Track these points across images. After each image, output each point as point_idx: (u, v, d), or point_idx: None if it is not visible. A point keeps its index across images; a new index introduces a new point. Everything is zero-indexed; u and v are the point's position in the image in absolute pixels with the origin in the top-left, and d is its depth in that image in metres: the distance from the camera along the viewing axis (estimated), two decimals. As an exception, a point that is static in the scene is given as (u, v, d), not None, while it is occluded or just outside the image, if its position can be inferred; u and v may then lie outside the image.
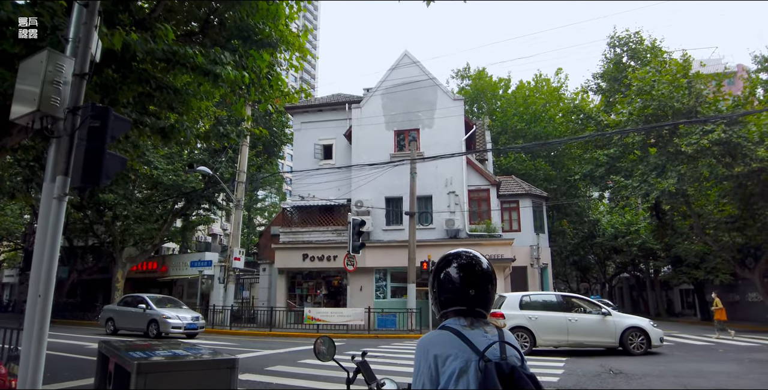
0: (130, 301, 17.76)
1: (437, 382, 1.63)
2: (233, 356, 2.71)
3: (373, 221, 21.45)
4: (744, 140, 18.04)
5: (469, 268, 1.80)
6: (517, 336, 12.08)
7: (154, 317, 16.05)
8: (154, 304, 16.80)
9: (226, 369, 2.58)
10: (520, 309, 12.67)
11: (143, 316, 16.37)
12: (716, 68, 28.57)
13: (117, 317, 17.31)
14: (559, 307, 12.87)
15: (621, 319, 12.53)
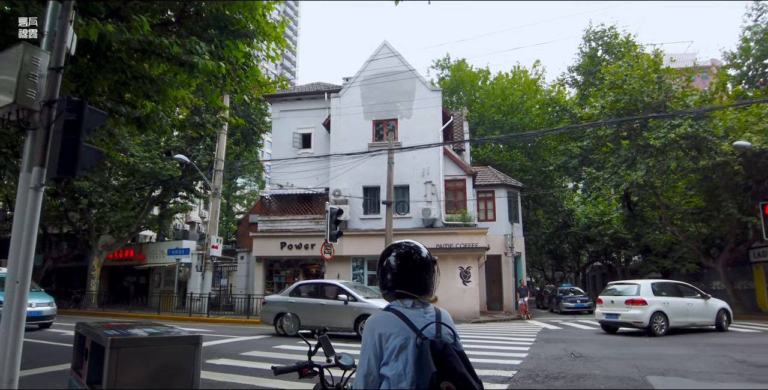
0: (317, 290, 13.77)
1: (381, 357, 1.85)
2: (197, 334, 2.96)
3: (350, 210, 21.71)
4: (709, 134, 18.67)
5: (407, 256, 2.02)
6: (655, 319, 13.15)
7: (365, 311, 12.20)
8: (356, 292, 13.01)
9: (190, 345, 2.82)
10: (654, 295, 13.54)
11: (348, 311, 12.46)
12: (689, 63, 29.28)
13: (300, 312, 12.47)
14: (678, 292, 14.29)
15: (714, 302, 14.46)
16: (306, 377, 2.52)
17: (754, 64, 22.54)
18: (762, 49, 21.57)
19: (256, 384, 6.62)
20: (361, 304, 12.50)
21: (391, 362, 1.81)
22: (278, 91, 24.34)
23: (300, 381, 3.02)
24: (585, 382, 6.87)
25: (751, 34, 22.09)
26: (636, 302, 13.24)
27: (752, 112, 18.74)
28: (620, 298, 13.83)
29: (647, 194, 23.15)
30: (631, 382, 6.73)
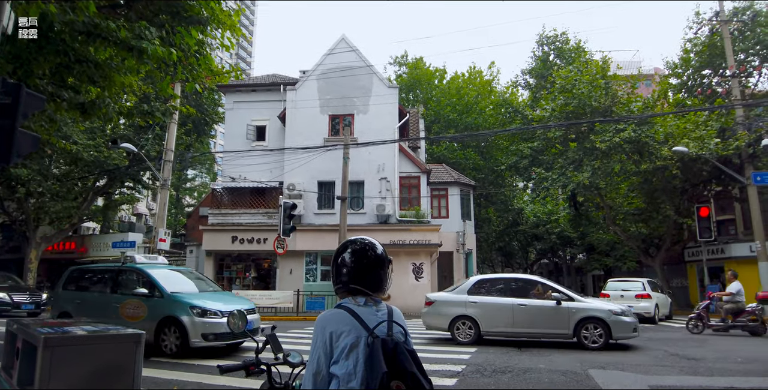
0: (511, 287, 10.84)
1: (331, 355, 1.83)
2: (140, 331, 2.85)
3: (304, 205, 21.50)
4: (651, 140, 19.59)
5: (363, 253, 2.00)
6: (655, 310, 16.58)
7: (588, 314, 9.84)
8: (575, 293, 10.60)
9: (132, 343, 2.70)
10: (651, 291, 17.11)
11: (563, 314, 9.95)
12: (634, 70, 30.61)
13: (488, 315, 10.44)
14: (659, 289, 18.80)
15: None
16: (253, 375, 2.46)
17: (693, 75, 23.82)
18: (701, 60, 22.82)
19: (204, 381, 6.47)
20: (581, 305, 9.96)
21: (342, 361, 1.79)
22: (232, 81, 23.75)
23: (247, 378, 2.93)
24: (530, 375, 7.08)
25: (691, 45, 23.32)
26: (644, 296, 16.68)
27: (690, 120, 19.79)
28: (629, 293, 16.82)
29: (592, 195, 24.09)
30: (573, 376, 6.99)
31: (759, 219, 18.33)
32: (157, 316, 8.57)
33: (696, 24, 22.84)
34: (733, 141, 18.32)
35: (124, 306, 9.03)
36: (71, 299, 9.99)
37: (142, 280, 9.35)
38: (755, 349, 9.96)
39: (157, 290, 8.90)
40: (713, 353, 9.13)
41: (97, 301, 9.65)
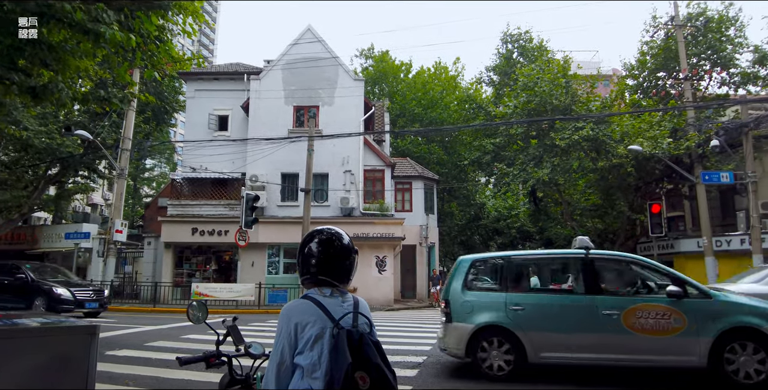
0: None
1: (295, 346, 1.82)
2: (94, 323, 2.75)
3: (267, 196, 21.24)
4: (608, 138, 20.24)
5: (329, 243, 1.98)
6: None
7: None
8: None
9: (86, 335, 2.60)
10: None
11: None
12: (593, 70, 31.52)
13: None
14: None
15: None
16: (213, 367, 2.41)
17: (649, 76, 24.71)
18: (656, 63, 23.69)
19: (162, 376, 6.34)
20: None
21: (306, 352, 1.79)
22: (194, 69, 23.15)
23: (207, 371, 2.87)
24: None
25: (648, 48, 24.17)
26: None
27: (645, 120, 20.55)
28: None
29: (551, 191, 24.74)
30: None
31: (706, 216, 19.25)
32: (714, 325, 5.81)
33: (653, 27, 23.66)
34: (684, 141, 19.14)
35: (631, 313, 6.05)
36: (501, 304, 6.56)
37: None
38: None
39: (689, 286, 6.14)
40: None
41: (563, 306, 6.48)
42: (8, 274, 14.30)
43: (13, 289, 13.90)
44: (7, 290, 13.91)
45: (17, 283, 13.98)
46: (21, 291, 13.83)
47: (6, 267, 14.68)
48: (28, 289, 13.79)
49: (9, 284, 14.02)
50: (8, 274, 14.27)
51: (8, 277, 14.23)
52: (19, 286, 13.91)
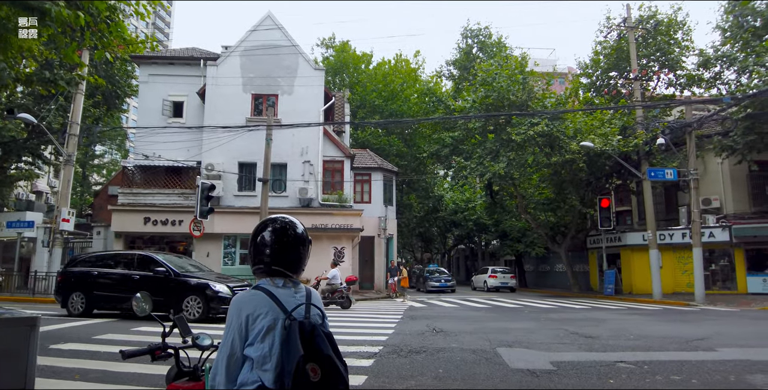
0: None
1: (246, 338, 1.78)
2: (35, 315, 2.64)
3: (224, 186, 20.84)
4: (561, 134, 20.85)
5: (283, 232, 1.94)
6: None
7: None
8: None
9: (25, 327, 2.48)
10: None
11: None
12: (550, 68, 32.33)
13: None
14: None
15: None
16: (160, 360, 2.33)
17: (602, 75, 25.55)
18: (609, 62, 24.52)
19: (111, 369, 6.15)
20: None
21: (257, 343, 1.76)
22: (148, 52, 22.28)
23: (154, 364, 2.78)
24: (444, 354, 7.41)
25: (601, 48, 24.97)
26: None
27: (597, 118, 21.27)
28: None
29: (507, 184, 25.32)
30: (483, 354, 7.41)
31: (651, 211, 20.19)
32: None
33: (606, 28, 24.46)
34: (633, 139, 19.96)
35: None
36: None
37: None
38: (645, 328, 11.01)
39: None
40: (608, 332, 10.00)
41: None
42: (142, 267, 12.02)
43: (152, 286, 11.37)
44: (143, 288, 11.09)
45: (157, 279, 11.59)
46: (163, 289, 11.40)
47: (135, 259, 12.33)
48: (174, 285, 11.52)
49: (145, 280, 11.67)
50: (142, 268, 11.99)
51: (143, 271, 11.93)
52: (159, 283, 11.50)
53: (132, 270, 12.10)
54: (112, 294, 11.90)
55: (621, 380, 5.70)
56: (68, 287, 12.32)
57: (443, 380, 5.76)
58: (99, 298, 12.07)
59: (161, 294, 11.17)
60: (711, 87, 22.82)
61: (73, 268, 12.78)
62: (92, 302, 12.12)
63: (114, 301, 11.97)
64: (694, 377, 5.82)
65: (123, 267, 12.35)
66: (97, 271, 12.35)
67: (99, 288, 12.05)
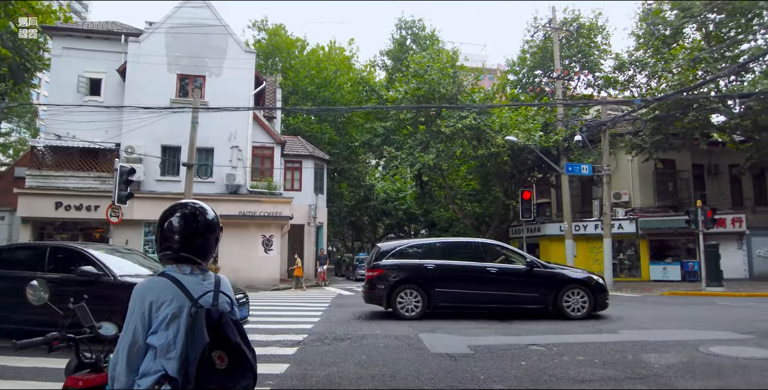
0: None
1: (149, 326, 1.73)
2: None
3: (145, 170, 19.85)
4: (488, 128, 21.63)
5: (193, 217, 1.87)
6: None
7: None
8: None
9: None
10: None
11: None
12: (479, 64, 33.32)
13: None
14: None
15: None
16: (58, 351, 2.19)
17: (528, 73, 26.71)
18: (534, 61, 25.65)
19: (8, 364, 5.76)
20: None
21: (161, 332, 1.72)
22: (61, 23, 20.65)
23: (50, 356, 2.62)
24: (368, 341, 7.58)
25: (528, 47, 26.05)
26: None
27: (521, 113, 22.25)
28: None
29: (436, 175, 25.97)
30: (406, 340, 7.65)
31: (568, 203, 21.47)
32: None
33: (534, 28, 25.50)
34: (554, 135, 21.07)
35: None
36: None
37: None
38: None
39: None
40: (523, 317, 10.60)
41: None
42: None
43: (522, 282, 10.51)
44: (510, 283, 10.51)
45: (530, 274, 10.78)
46: (536, 284, 10.54)
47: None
48: (550, 279, 10.91)
49: (513, 275, 10.84)
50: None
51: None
52: (534, 277, 10.54)
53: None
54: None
55: (532, 361, 6.11)
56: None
57: (365, 366, 5.90)
58: None
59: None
60: (625, 89, 24.50)
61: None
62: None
63: None
64: (597, 357, 6.35)
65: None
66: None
67: None
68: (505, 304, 10.10)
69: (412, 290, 10.08)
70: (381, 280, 10.29)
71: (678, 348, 6.84)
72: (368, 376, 5.38)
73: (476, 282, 10.05)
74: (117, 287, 6.79)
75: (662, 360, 6.07)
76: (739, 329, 8.31)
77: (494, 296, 10.08)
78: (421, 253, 10.81)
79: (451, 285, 10.12)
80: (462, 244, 11.37)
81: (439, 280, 10.15)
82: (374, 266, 10.53)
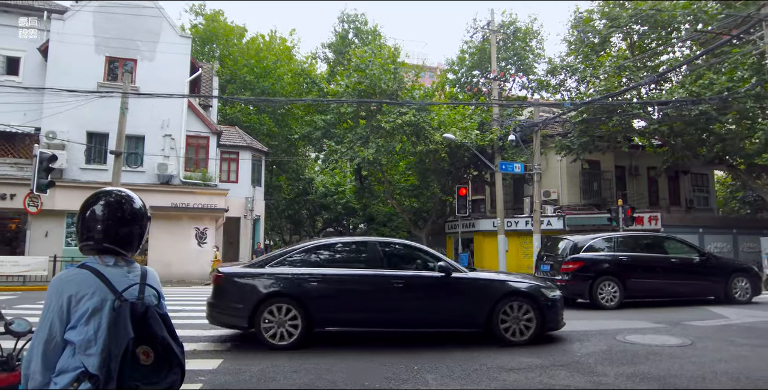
0: None
1: (67, 321, 1.64)
2: None
3: (68, 157, 18.69)
4: (427, 125, 22.03)
5: (118, 206, 1.79)
6: None
7: None
8: None
9: None
10: None
11: None
12: (420, 61, 33.80)
13: None
14: None
15: None
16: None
17: (466, 73, 27.40)
18: (473, 61, 26.35)
19: None
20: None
21: (80, 327, 1.63)
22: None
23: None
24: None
25: (467, 47, 26.71)
26: None
27: (459, 112, 22.83)
28: None
29: (375, 170, 26.16)
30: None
31: (501, 200, 22.29)
32: None
33: (473, 29, 26.17)
34: (489, 134, 21.78)
35: None
36: None
37: None
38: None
39: None
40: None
41: None
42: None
43: (698, 272, 11.27)
44: (689, 273, 11.18)
45: (705, 264, 11.30)
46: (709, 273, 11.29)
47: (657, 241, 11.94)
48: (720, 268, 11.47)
49: (691, 265, 11.26)
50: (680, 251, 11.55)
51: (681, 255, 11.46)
52: (707, 267, 11.30)
53: None
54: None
55: (464, 350, 6.36)
56: None
57: (301, 360, 5.92)
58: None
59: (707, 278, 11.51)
60: (556, 92, 25.68)
61: None
62: None
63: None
64: (522, 347, 6.69)
65: None
66: None
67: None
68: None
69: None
70: (583, 272, 10.73)
71: (599, 337, 7.33)
72: (303, 370, 5.41)
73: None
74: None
75: (584, 349, 6.49)
76: (653, 319, 9.00)
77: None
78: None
79: None
80: None
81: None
82: (574, 259, 10.96)
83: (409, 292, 6.76)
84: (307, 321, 6.48)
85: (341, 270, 6.86)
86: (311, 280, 6.64)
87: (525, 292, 6.90)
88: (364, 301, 6.74)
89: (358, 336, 7.37)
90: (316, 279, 6.66)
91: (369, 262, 6.95)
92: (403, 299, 6.76)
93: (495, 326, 6.70)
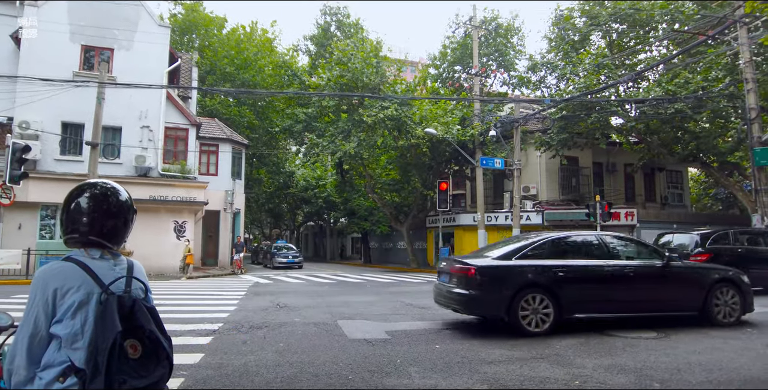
0: None
1: (53, 315, 1.62)
2: None
3: (42, 148, 18.23)
4: (409, 119, 22.06)
5: (104, 198, 1.78)
6: None
7: None
8: None
9: None
10: None
11: None
12: (402, 56, 33.78)
13: None
14: None
15: None
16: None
17: (448, 68, 27.48)
18: (455, 57, 26.44)
19: None
20: None
21: (66, 320, 1.60)
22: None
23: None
24: (286, 328, 7.58)
25: (449, 43, 26.77)
26: None
27: (441, 107, 22.90)
28: None
29: (357, 164, 26.14)
30: (324, 327, 7.74)
31: (482, 195, 22.50)
32: None
33: (455, 24, 26.24)
34: (470, 129, 21.92)
35: None
36: None
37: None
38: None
39: None
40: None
41: None
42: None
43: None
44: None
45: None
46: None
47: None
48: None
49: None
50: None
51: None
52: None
53: None
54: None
55: (445, 344, 6.45)
56: None
57: (284, 354, 5.92)
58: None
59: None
60: (536, 89, 25.93)
61: None
62: None
63: None
64: (504, 338, 6.81)
65: None
66: None
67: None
68: None
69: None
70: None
71: (579, 329, 7.49)
72: (286, 364, 5.42)
73: None
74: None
75: (563, 341, 6.63)
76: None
77: None
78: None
79: None
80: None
81: None
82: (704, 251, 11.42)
83: (638, 280, 7.44)
84: (558, 309, 7.00)
85: (581, 261, 7.44)
86: (558, 271, 7.15)
87: (731, 279, 7.72)
88: (605, 290, 7.33)
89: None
90: (562, 270, 7.18)
91: (598, 253, 7.59)
92: (634, 286, 7.42)
93: (710, 309, 7.55)
